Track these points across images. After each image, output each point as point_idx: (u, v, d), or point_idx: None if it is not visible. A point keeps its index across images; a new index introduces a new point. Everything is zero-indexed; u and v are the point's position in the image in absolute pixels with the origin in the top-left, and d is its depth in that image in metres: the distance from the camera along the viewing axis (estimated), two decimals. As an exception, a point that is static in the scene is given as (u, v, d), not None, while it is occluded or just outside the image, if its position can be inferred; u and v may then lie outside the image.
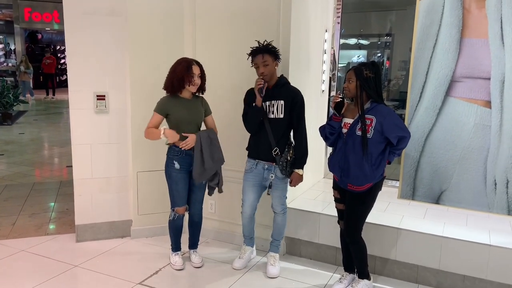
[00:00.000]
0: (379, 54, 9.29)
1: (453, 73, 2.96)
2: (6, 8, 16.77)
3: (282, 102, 2.93)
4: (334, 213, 3.03)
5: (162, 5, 3.54)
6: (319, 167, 4.32)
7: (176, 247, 3.28)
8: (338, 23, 4.34)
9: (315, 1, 3.82)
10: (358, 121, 2.64)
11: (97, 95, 3.52)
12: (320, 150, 4.27)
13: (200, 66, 3.00)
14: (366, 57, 9.44)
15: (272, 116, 2.95)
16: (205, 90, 3.10)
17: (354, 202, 2.74)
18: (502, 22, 2.80)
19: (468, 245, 2.90)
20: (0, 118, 9.76)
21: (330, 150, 3.39)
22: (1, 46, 17.77)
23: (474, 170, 2.97)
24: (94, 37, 3.45)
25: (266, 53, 2.88)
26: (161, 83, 3.02)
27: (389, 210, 3.45)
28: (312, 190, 3.95)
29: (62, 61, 18.09)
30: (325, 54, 4.15)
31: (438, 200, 3.12)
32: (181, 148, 2.97)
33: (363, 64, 2.67)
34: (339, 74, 4.65)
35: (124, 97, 3.59)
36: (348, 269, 3.00)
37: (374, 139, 2.61)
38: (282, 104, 2.93)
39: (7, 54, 17.92)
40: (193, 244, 3.35)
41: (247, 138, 3.12)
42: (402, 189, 3.22)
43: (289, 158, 2.97)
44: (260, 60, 2.88)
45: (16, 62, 15.75)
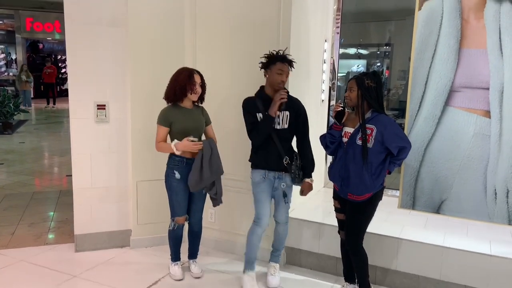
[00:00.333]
0: (379, 64, 9.34)
1: (452, 83, 2.97)
2: (7, 18, 16.85)
3: (288, 113, 2.95)
4: (334, 222, 3.02)
5: (162, 15, 3.57)
6: (319, 177, 4.32)
7: (175, 257, 3.27)
8: (338, 33, 4.38)
9: (315, 11, 3.85)
10: (359, 130, 2.64)
11: (97, 105, 3.53)
12: (320, 160, 4.27)
13: (200, 75, 3.03)
14: (366, 66, 9.49)
15: (278, 126, 2.96)
16: (204, 99, 3.12)
17: (354, 212, 2.74)
18: (500, 32, 2.82)
19: (469, 255, 2.89)
20: (0, 128, 9.78)
21: (330, 159, 3.39)
22: (2, 56, 17.85)
23: (474, 180, 2.97)
24: (95, 47, 3.47)
25: (288, 63, 2.92)
26: (161, 93, 3.03)
27: (389, 220, 3.44)
28: (312, 199, 3.93)
29: (63, 70, 18.16)
30: (324, 63, 4.17)
31: (438, 209, 3.11)
32: (193, 149, 2.94)
33: (365, 73, 2.68)
34: (339, 83, 4.67)
35: (124, 106, 3.60)
36: (348, 279, 2.98)
37: (374, 149, 2.61)
38: (287, 114, 2.95)
39: (8, 64, 17.99)
40: (192, 254, 3.34)
41: (247, 147, 3.10)
42: (403, 198, 3.21)
43: (298, 166, 2.99)
44: (285, 68, 2.90)
45: (17, 72, 15.80)
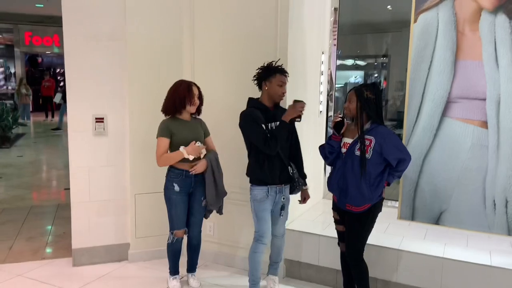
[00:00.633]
0: (376, 75, 9.39)
1: (448, 94, 2.99)
2: (6, 32, 16.93)
3: None
4: (334, 234, 3.00)
5: (161, 29, 3.60)
6: (318, 188, 4.31)
7: (174, 271, 3.24)
8: (335, 45, 4.41)
9: (312, 23, 3.89)
10: (358, 141, 2.65)
11: (95, 118, 3.53)
12: (319, 171, 4.27)
13: (198, 88, 3.06)
14: (364, 77, 9.53)
15: None
16: (201, 111, 3.13)
17: (353, 223, 2.73)
18: (496, 44, 2.84)
19: (469, 266, 2.87)
20: (-2, 141, 9.76)
21: (329, 170, 3.39)
22: (1, 70, 17.90)
23: (473, 191, 2.97)
24: (93, 60, 3.49)
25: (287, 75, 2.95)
26: (159, 106, 3.04)
27: (389, 231, 3.43)
28: (311, 211, 3.92)
29: (61, 83, 18.20)
30: (322, 75, 4.19)
31: (438, 220, 3.10)
32: (190, 172, 2.97)
33: (364, 85, 2.70)
34: (337, 95, 4.69)
35: (122, 119, 3.60)
36: (348, 291, 2.96)
37: (373, 160, 2.61)
38: None
39: (7, 78, 18.04)
40: (191, 267, 3.31)
41: (245, 158, 3.10)
42: (402, 209, 3.20)
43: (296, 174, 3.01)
44: (285, 80, 2.93)
45: (15, 86, 15.83)
